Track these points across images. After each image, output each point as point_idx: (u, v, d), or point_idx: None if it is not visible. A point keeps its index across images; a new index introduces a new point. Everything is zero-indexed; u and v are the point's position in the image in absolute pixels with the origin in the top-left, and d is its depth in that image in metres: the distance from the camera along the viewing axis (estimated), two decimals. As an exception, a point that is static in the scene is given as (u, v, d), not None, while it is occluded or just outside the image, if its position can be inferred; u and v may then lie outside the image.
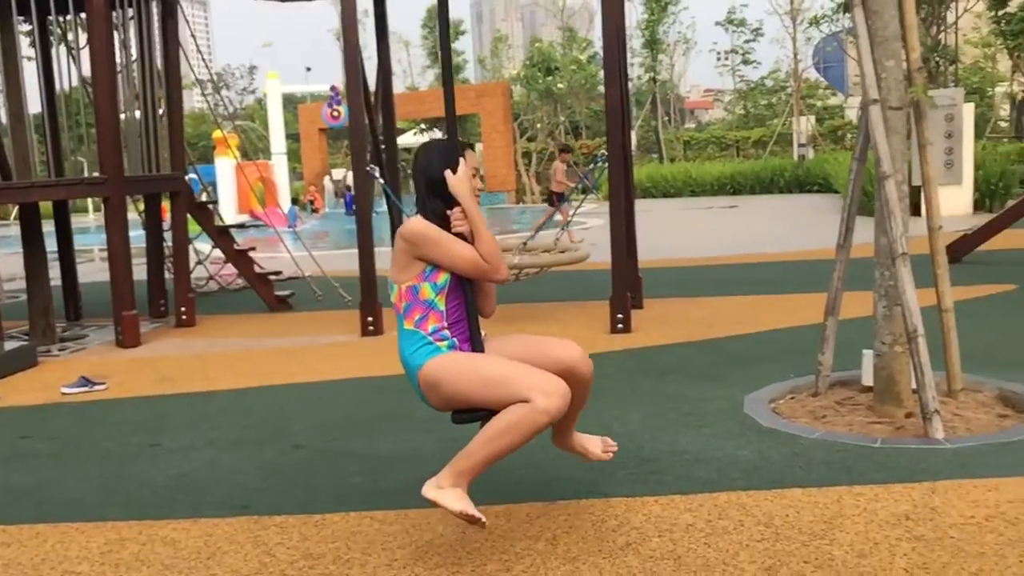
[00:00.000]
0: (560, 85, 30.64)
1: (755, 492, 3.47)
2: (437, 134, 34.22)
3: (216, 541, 3.30)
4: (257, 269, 9.21)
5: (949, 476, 3.52)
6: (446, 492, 2.93)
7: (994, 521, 3.09)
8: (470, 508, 2.89)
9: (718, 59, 38.66)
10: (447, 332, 3.11)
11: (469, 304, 3.14)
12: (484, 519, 2.91)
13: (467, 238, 3.08)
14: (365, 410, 5.02)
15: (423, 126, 33.95)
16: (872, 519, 3.16)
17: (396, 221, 8.51)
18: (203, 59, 10.78)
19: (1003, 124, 30.58)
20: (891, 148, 4.20)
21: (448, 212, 3.10)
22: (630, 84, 39.17)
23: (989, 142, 22.80)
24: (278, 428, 4.75)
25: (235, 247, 9.09)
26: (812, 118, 32.73)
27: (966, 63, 31.87)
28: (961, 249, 9.39)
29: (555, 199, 14.46)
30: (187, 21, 9.00)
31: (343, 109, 25.97)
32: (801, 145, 29.90)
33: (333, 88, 28.68)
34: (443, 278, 3.09)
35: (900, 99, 4.24)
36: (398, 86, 39.80)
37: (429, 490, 2.97)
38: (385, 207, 8.58)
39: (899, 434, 4.12)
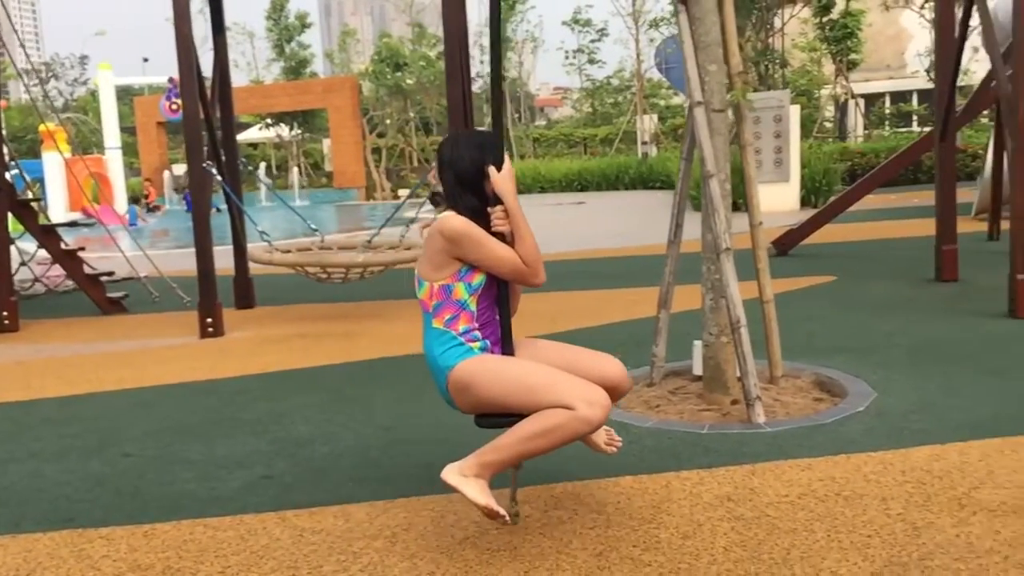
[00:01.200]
0: (409, 81, 30.55)
1: (589, 481, 3.58)
2: (283, 129, 33.45)
3: (36, 557, 3.14)
4: (88, 270, 8.76)
5: (768, 458, 3.74)
6: (470, 482, 2.87)
7: (805, 499, 3.30)
8: (494, 503, 2.84)
9: (566, 58, 39.48)
10: (478, 333, 3.01)
11: (503, 306, 3.05)
12: (507, 516, 2.87)
13: (506, 238, 2.98)
14: (200, 415, 4.87)
15: (268, 121, 33.11)
16: (697, 502, 3.32)
17: (237, 219, 8.29)
18: (23, 48, 10.16)
19: (828, 125, 32.51)
20: (714, 148, 4.41)
21: (489, 210, 2.97)
22: (479, 82, 39.34)
23: (816, 142, 24.22)
24: (106, 437, 4.55)
25: (62, 247, 8.62)
26: (655, 117, 33.87)
27: (795, 66, 33.71)
28: (787, 243, 9.94)
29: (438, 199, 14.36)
30: (5, 8, 8.46)
31: (183, 102, 24.99)
32: (644, 143, 30.90)
33: (171, 80, 27.55)
34: (479, 279, 2.98)
35: (722, 102, 4.46)
36: (242, 79, 38.68)
37: (452, 476, 2.89)
38: (226, 205, 8.33)
39: (725, 420, 4.33)
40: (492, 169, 2.95)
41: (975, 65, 19.79)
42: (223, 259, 7.82)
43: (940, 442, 3.82)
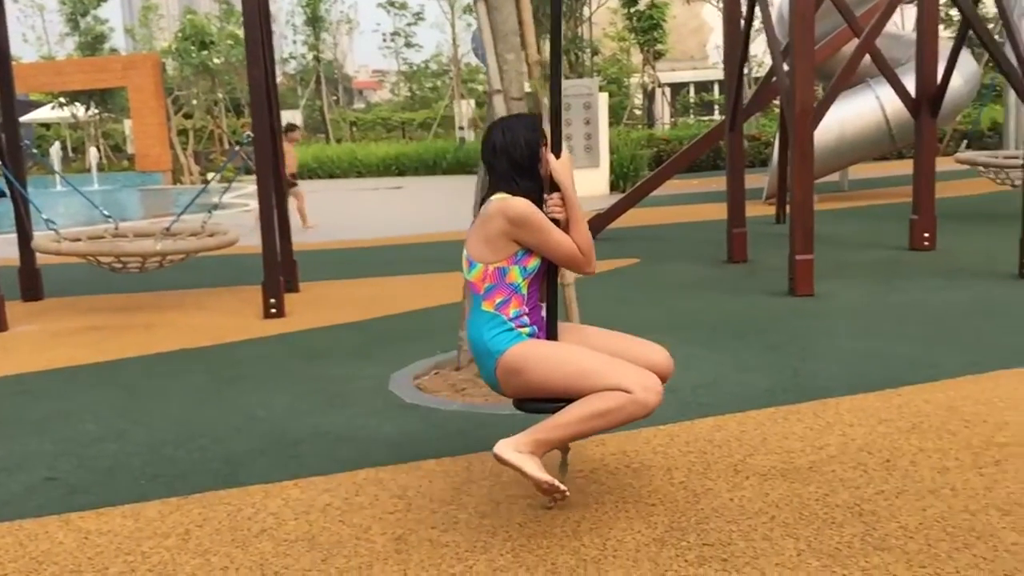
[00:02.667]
0: (216, 60, 29.34)
1: (393, 467, 3.60)
2: (79, 109, 31.39)
3: None
4: None
5: (566, 435, 3.88)
6: (526, 458, 2.88)
7: (598, 472, 3.45)
8: (553, 479, 2.84)
9: (383, 41, 39.07)
10: (527, 319, 3.00)
11: (552, 292, 3.05)
12: (567, 490, 2.89)
13: (559, 224, 2.95)
14: (-20, 416, 4.54)
15: (62, 99, 30.98)
16: (496, 482, 3.40)
17: (21, 206, 7.73)
18: None
19: (637, 112, 33.82)
20: (514, 135, 4.50)
21: (545, 197, 2.96)
22: (293, 62, 38.18)
23: (625, 128, 25.14)
24: None
25: None
26: (472, 102, 34.12)
27: (606, 55, 34.82)
28: (595, 227, 10.28)
29: (289, 178, 13.88)
30: None
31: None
32: (461, 128, 31.08)
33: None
34: (533, 263, 2.98)
35: (520, 90, 4.56)
36: (30, 55, 35.93)
37: (507, 451, 2.88)
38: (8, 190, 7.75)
39: (528, 400, 4.45)
40: (552, 156, 3.00)
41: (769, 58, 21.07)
42: (7, 248, 7.29)
43: (722, 413, 4.09)
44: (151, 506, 3.31)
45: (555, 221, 2.99)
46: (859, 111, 12.35)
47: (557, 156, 3.03)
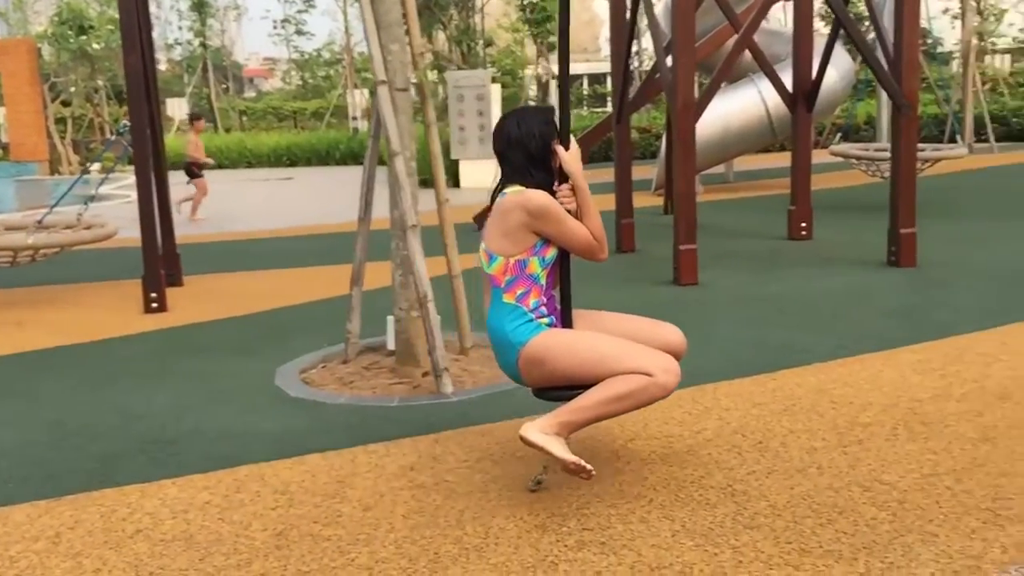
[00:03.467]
0: (96, 45, 28.16)
1: (276, 462, 3.56)
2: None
3: None
4: None
5: (452, 426, 3.90)
6: (552, 439, 2.94)
7: (483, 462, 3.49)
8: (578, 459, 2.90)
9: (273, 28, 38.19)
10: (545, 308, 3.09)
11: (565, 281, 3.14)
12: (593, 470, 2.93)
13: (572, 214, 3.04)
14: None
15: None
16: (381, 474, 3.40)
17: None
18: None
19: (533, 103, 34.02)
20: (399, 127, 4.49)
21: (556, 188, 3.05)
22: (179, 48, 36.95)
23: (519, 120, 25.22)
24: None
25: None
26: (366, 92, 33.70)
27: (500, 46, 34.87)
28: (487, 217, 10.32)
29: (195, 169, 13.45)
30: None
31: None
32: (355, 118, 30.68)
33: None
34: (551, 253, 3.07)
35: (405, 81, 4.54)
36: None
37: (533, 433, 2.95)
38: None
39: (416, 392, 4.46)
40: (561, 148, 3.07)
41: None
42: None
43: (606, 401, 4.17)
44: (19, 509, 3.18)
45: (567, 211, 3.08)
46: (743, 105, 12.71)
47: (566, 148, 3.10)
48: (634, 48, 22.66)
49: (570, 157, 3.09)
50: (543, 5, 28.29)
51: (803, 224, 8.48)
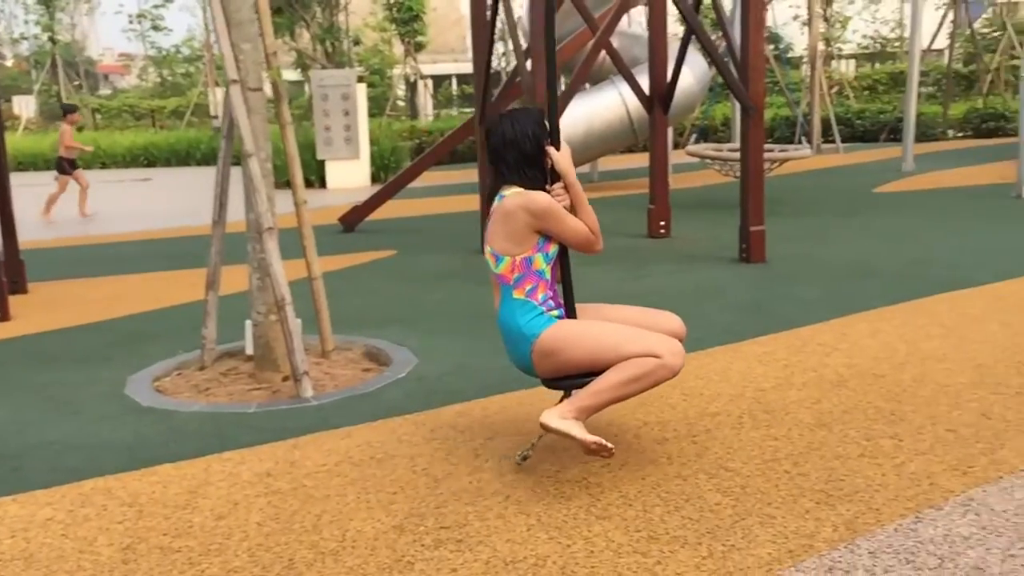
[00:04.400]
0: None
1: (124, 474, 3.44)
2: None
3: None
4: None
5: (311, 430, 3.86)
6: (572, 423, 3.07)
7: (342, 465, 3.47)
8: (599, 438, 3.05)
9: (129, 22, 36.66)
10: (552, 302, 3.25)
11: (567, 273, 3.29)
12: (613, 448, 3.08)
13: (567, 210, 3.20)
14: None
15: None
16: (236, 481, 3.34)
17: None
18: None
19: (401, 104, 33.83)
20: (253, 127, 4.41)
21: (549, 188, 3.21)
22: (26, 43, 34.96)
23: (389, 119, 25.10)
24: None
25: None
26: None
27: (367, 45, 34.53)
28: (353, 219, 10.24)
29: (66, 165, 12.69)
30: None
31: None
32: (215, 117, 29.81)
33: None
34: (553, 249, 3.22)
35: (258, 80, 4.46)
36: None
37: (553, 419, 3.08)
38: None
39: (275, 398, 4.39)
40: (552, 149, 3.22)
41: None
42: None
43: (468, 399, 4.21)
44: None
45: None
46: (605, 106, 13.01)
47: (557, 148, 3.25)
48: (501, 49, 22.86)
49: (562, 157, 3.25)
50: (409, 5, 28.21)
51: (662, 222, 8.75)
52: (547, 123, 3.28)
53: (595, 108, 12.86)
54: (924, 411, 3.81)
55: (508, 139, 3.20)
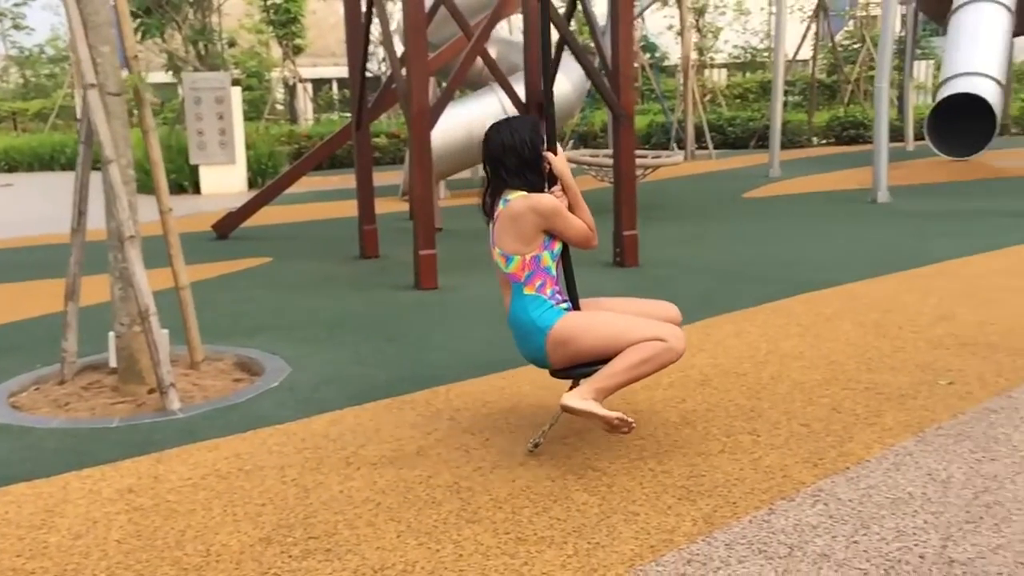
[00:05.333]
0: None
1: (-27, 496, 3.28)
2: None
3: None
4: None
5: (177, 444, 3.76)
6: (592, 403, 3.29)
7: (208, 478, 3.39)
8: (620, 413, 3.30)
9: (-15, 20, 34.73)
10: (559, 296, 3.48)
11: (569, 268, 3.57)
12: (634, 422, 3.34)
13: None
14: None
15: None
16: (96, 499, 3.23)
17: None
18: None
19: (280, 107, 33.19)
20: (113, 133, 4.27)
21: (551, 190, 3.48)
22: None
23: (267, 123, 24.58)
24: None
25: None
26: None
27: (244, 47, 33.73)
28: (227, 226, 10.00)
29: None
30: None
31: None
32: (80, 120, 28.57)
33: None
34: (558, 247, 3.46)
35: (118, 85, 4.32)
36: None
37: (575, 401, 3.31)
38: None
39: (139, 411, 4.26)
40: (550, 154, 3.47)
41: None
42: None
43: (340, 408, 4.18)
44: None
45: None
46: (484, 112, 13.05)
47: (553, 152, 3.51)
48: (380, 52, 22.71)
49: (559, 161, 3.51)
50: (287, 7, 27.72)
51: (539, 228, 8.85)
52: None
53: (475, 114, 12.91)
54: (781, 407, 3.99)
55: (508, 145, 3.42)
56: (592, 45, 8.45)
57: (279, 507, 3.13)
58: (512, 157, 3.42)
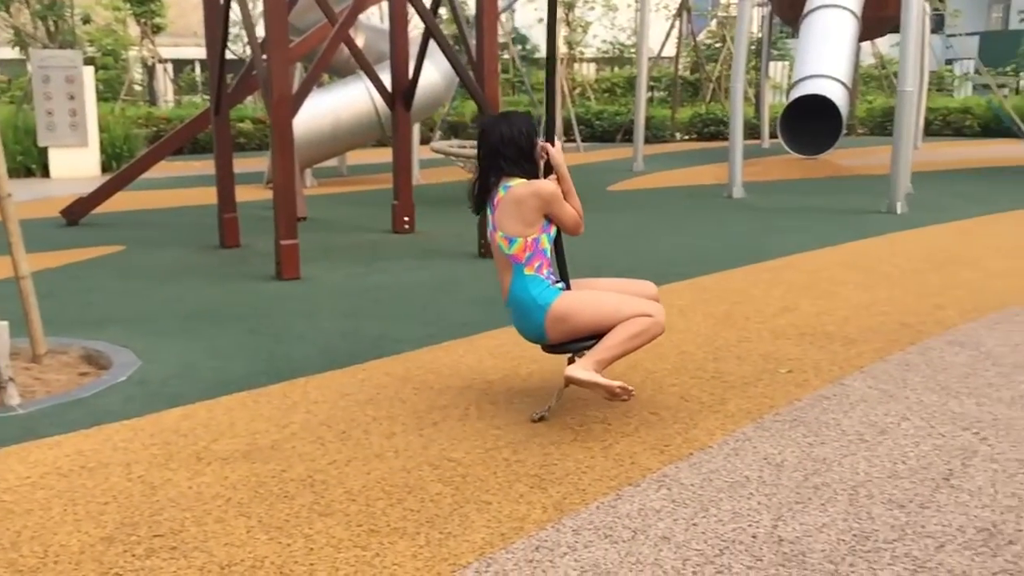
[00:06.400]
0: None
1: None
2: None
3: None
4: None
5: (16, 441, 3.60)
6: (594, 374, 3.58)
7: (48, 477, 3.26)
8: (621, 382, 3.62)
9: None
10: (554, 276, 3.79)
11: (561, 251, 3.88)
12: (633, 389, 3.66)
13: None
14: None
15: None
16: (-78, 502, 3.05)
17: None
18: None
19: (139, 88, 31.80)
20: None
21: (549, 179, 3.79)
22: None
23: (123, 104, 23.54)
24: None
25: None
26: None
27: (100, 24, 32.14)
28: (77, 212, 9.56)
29: None
30: None
31: None
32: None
33: None
34: (554, 231, 3.79)
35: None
36: None
37: (579, 372, 3.60)
38: None
39: (-25, 407, 4.04)
40: (549, 146, 3.79)
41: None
42: None
43: (192, 402, 4.08)
44: None
45: None
46: (353, 100, 12.92)
47: (552, 144, 3.81)
48: (245, 34, 22.09)
49: (557, 152, 3.81)
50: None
51: (406, 218, 8.85)
52: (543, 122, 3.87)
53: (342, 102, 12.76)
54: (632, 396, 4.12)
55: (507, 137, 3.72)
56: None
57: (123, 505, 3.04)
58: (511, 148, 3.72)
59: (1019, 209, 10.19)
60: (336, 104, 12.68)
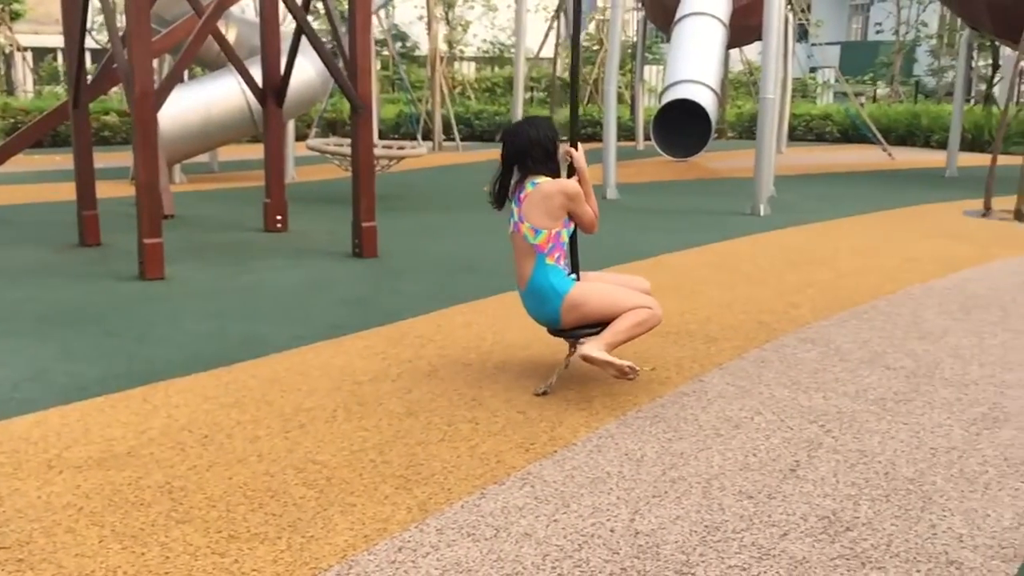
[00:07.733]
0: None
1: None
2: None
3: None
4: None
5: None
6: (607, 354, 3.96)
7: None
8: (630, 362, 4.02)
9: None
10: (567, 268, 4.22)
11: (575, 246, 4.32)
12: (638, 368, 4.07)
13: None
14: None
15: None
16: None
17: None
18: None
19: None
20: None
21: (571, 179, 4.21)
22: None
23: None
24: None
25: None
26: None
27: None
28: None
29: None
30: None
31: None
32: None
33: None
34: (573, 227, 4.21)
35: None
36: None
37: (594, 351, 3.94)
38: None
39: None
40: (573, 150, 4.30)
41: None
42: None
43: (45, 408, 3.92)
44: None
45: None
46: (225, 94, 12.57)
47: (576, 148, 4.30)
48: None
49: (580, 156, 4.29)
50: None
51: (278, 216, 8.69)
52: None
53: (214, 96, 12.40)
54: (502, 395, 4.19)
55: (534, 140, 4.13)
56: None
57: (-35, 518, 2.90)
58: (538, 149, 4.13)
59: (872, 211, 10.77)
60: (207, 98, 12.32)
